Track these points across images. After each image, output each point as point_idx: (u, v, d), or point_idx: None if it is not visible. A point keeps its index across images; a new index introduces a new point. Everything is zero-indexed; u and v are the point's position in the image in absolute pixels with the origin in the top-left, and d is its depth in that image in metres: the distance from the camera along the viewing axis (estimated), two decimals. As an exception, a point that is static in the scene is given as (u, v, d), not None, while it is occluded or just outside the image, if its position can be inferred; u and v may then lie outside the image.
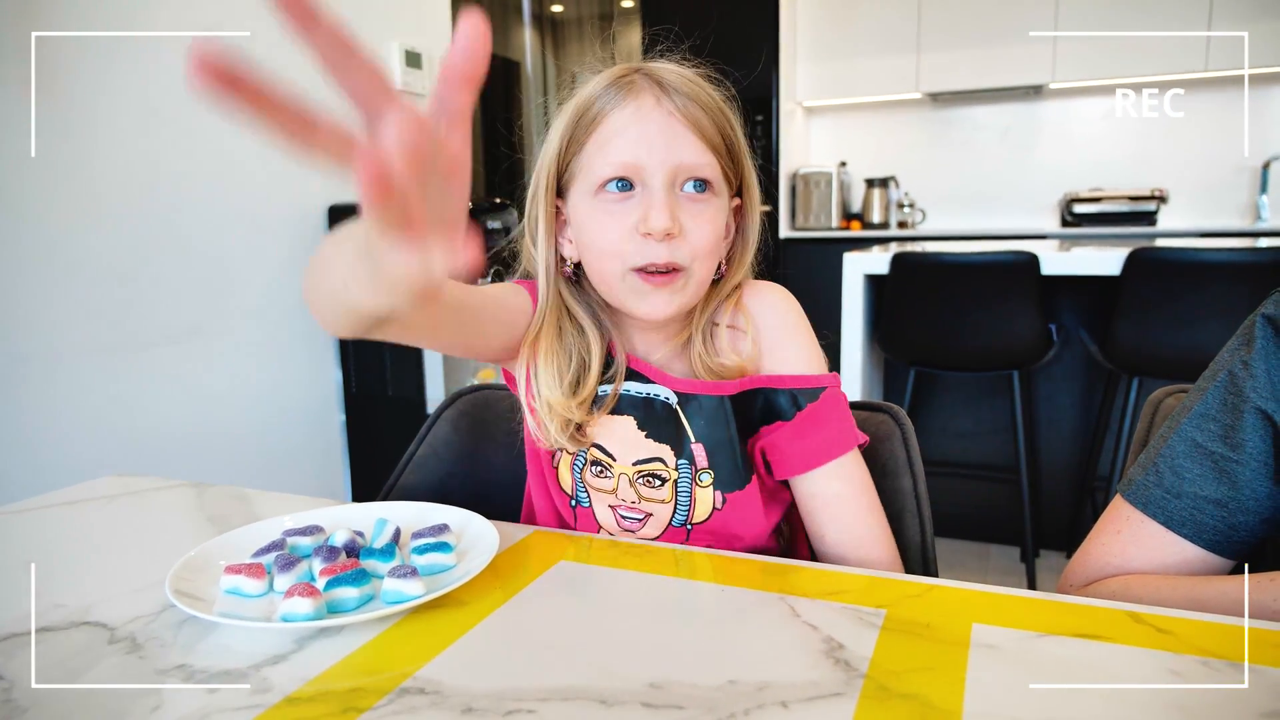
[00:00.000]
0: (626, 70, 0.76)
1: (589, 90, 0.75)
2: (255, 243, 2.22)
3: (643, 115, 0.73)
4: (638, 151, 0.72)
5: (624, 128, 0.73)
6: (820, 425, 0.78)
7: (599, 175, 0.73)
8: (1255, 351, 0.69)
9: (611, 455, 0.82)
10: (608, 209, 0.74)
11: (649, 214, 0.72)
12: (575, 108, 0.75)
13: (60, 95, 1.72)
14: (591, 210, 0.75)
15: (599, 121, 0.74)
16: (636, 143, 0.72)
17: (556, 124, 0.77)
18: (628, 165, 0.72)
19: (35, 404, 1.70)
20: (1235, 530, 0.68)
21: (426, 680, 0.53)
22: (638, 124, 0.72)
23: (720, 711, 0.49)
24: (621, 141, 0.72)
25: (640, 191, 0.73)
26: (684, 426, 0.81)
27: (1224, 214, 4.19)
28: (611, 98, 0.73)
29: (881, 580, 0.67)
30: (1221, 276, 1.95)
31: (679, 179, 0.73)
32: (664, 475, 0.81)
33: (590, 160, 0.74)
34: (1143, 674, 0.52)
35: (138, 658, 0.57)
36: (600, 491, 0.83)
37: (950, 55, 4.34)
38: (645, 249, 0.73)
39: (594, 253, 0.76)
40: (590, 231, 0.75)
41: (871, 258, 2.38)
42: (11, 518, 0.86)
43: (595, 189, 0.74)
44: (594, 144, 0.74)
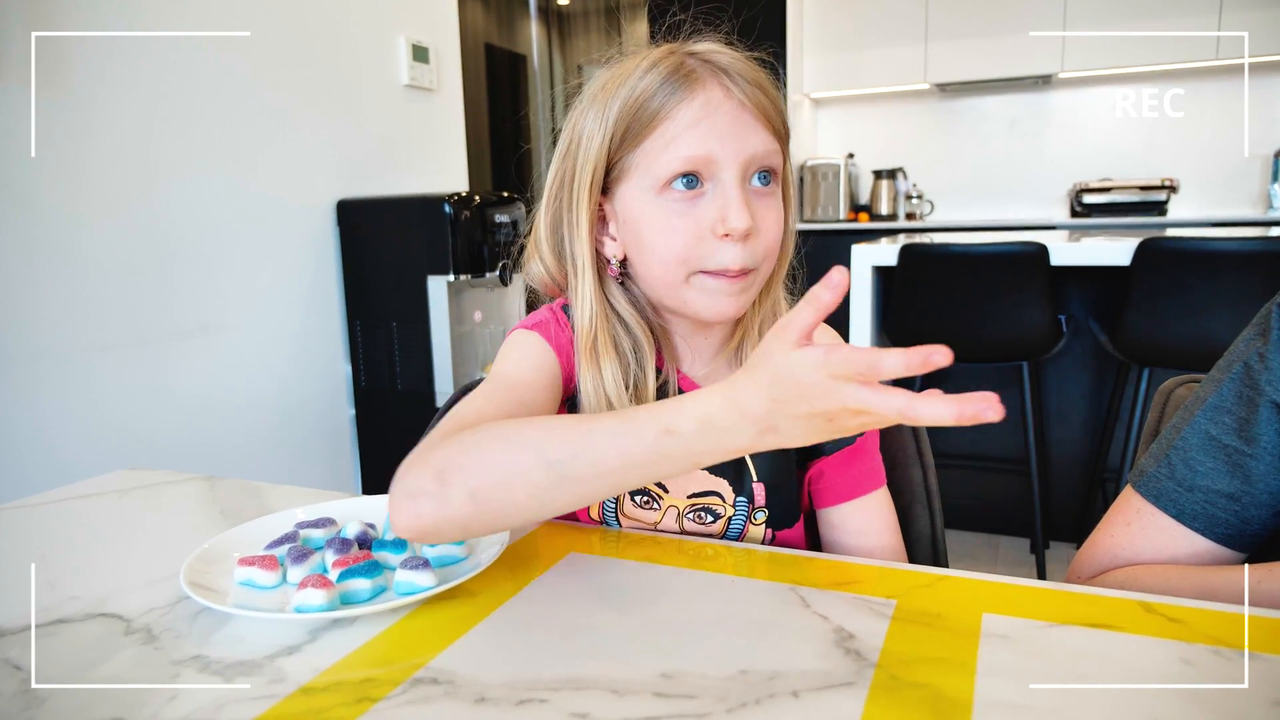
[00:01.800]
0: (678, 57, 0.70)
1: (644, 83, 0.69)
2: (264, 238, 2.23)
3: (713, 108, 0.68)
4: (710, 145, 0.68)
5: (695, 121, 0.68)
6: (866, 455, 0.79)
7: (665, 171, 0.68)
8: (1271, 344, 0.68)
9: (663, 486, 0.78)
10: (676, 208, 0.69)
11: (728, 213, 0.67)
12: (628, 101, 0.69)
13: (68, 93, 1.73)
14: (655, 209, 0.69)
15: (663, 116, 0.68)
16: (708, 136, 0.68)
17: (595, 118, 0.71)
18: (699, 160, 0.68)
19: (48, 400, 1.71)
20: (1248, 524, 0.68)
21: (439, 670, 0.54)
22: (709, 117, 0.68)
23: (731, 701, 0.49)
24: (691, 136, 0.68)
25: (711, 188, 0.69)
26: (746, 463, 0.78)
27: (1235, 203, 4.16)
28: (675, 90, 0.68)
29: (892, 571, 0.67)
30: (1232, 266, 1.94)
31: (750, 170, 0.70)
32: (719, 511, 0.78)
33: (652, 156, 0.69)
34: (1154, 664, 0.52)
35: (153, 649, 0.58)
36: (637, 523, 0.79)
37: (958, 45, 4.32)
38: (720, 251, 0.69)
39: (656, 255, 0.71)
40: (654, 232, 0.70)
41: (880, 249, 2.38)
42: (26, 511, 0.87)
43: (660, 186, 0.69)
44: (657, 140, 0.69)
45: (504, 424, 0.60)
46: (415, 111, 2.76)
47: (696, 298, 0.71)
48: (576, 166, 0.72)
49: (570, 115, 0.75)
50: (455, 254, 2.33)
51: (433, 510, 0.58)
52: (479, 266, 2.40)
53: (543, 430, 0.58)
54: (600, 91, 0.72)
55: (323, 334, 2.44)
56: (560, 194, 0.75)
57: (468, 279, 2.38)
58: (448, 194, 2.34)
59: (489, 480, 0.57)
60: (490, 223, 2.43)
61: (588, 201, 0.72)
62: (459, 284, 2.38)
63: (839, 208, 4.56)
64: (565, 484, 0.56)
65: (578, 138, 0.73)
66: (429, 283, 2.35)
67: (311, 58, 2.34)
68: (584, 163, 0.72)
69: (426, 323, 2.38)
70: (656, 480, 0.64)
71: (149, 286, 1.92)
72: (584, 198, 0.72)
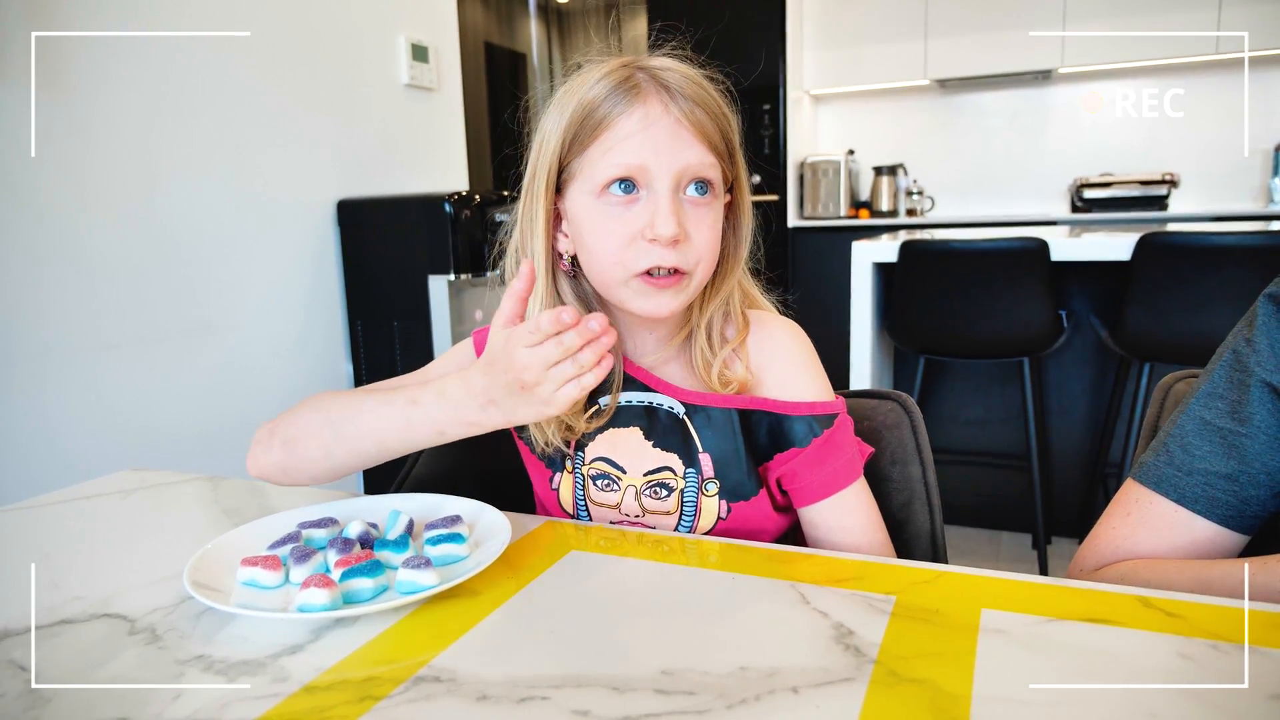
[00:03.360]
0: (629, 69, 0.74)
1: (593, 92, 0.73)
2: (265, 237, 2.23)
3: (650, 121, 0.72)
4: (644, 155, 0.72)
5: (631, 133, 0.72)
6: (836, 451, 0.79)
7: (603, 176, 0.73)
8: (1257, 328, 0.70)
9: (621, 468, 0.82)
10: (612, 212, 0.73)
11: (656, 220, 0.72)
12: (578, 108, 0.73)
13: (70, 93, 1.73)
14: (594, 212, 0.74)
15: (605, 125, 0.73)
16: (643, 147, 0.72)
17: (554, 120, 0.75)
18: (633, 168, 0.72)
19: (51, 399, 1.72)
20: (1247, 504, 0.69)
21: (441, 668, 0.54)
22: (644, 130, 0.72)
23: (731, 697, 0.50)
24: (628, 146, 0.72)
25: (645, 195, 0.73)
26: (692, 437, 0.81)
27: (1236, 198, 4.15)
28: (618, 102, 0.72)
29: (891, 567, 0.68)
30: (1233, 260, 1.94)
31: (683, 181, 0.74)
32: (671, 485, 0.81)
33: (594, 162, 0.73)
34: (1152, 658, 0.53)
35: (157, 649, 0.58)
36: (603, 507, 0.83)
37: (958, 41, 4.32)
38: (650, 254, 0.73)
39: (596, 255, 0.75)
40: (593, 233, 0.75)
41: (880, 246, 2.38)
42: (30, 512, 0.87)
43: (598, 190, 0.73)
44: (599, 147, 0.73)
45: (327, 393, 0.79)
46: (415, 111, 2.76)
47: (632, 298, 0.76)
48: (536, 167, 0.77)
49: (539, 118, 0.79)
50: (456, 253, 2.33)
51: (261, 455, 0.78)
52: (479, 265, 2.40)
53: (336, 399, 0.76)
54: (561, 96, 0.76)
55: (324, 333, 2.44)
56: (525, 192, 0.80)
57: (468, 278, 2.38)
58: (448, 193, 2.34)
59: (293, 434, 0.77)
60: (491, 221, 2.43)
61: (544, 199, 0.77)
62: (459, 283, 2.38)
63: (839, 204, 4.55)
64: (341, 441, 0.74)
65: (540, 140, 0.77)
66: (430, 282, 2.36)
67: (312, 57, 2.35)
68: (541, 163, 0.76)
69: (428, 321, 2.38)
70: (416, 445, 0.74)
71: (150, 286, 1.92)
72: (540, 195, 0.77)
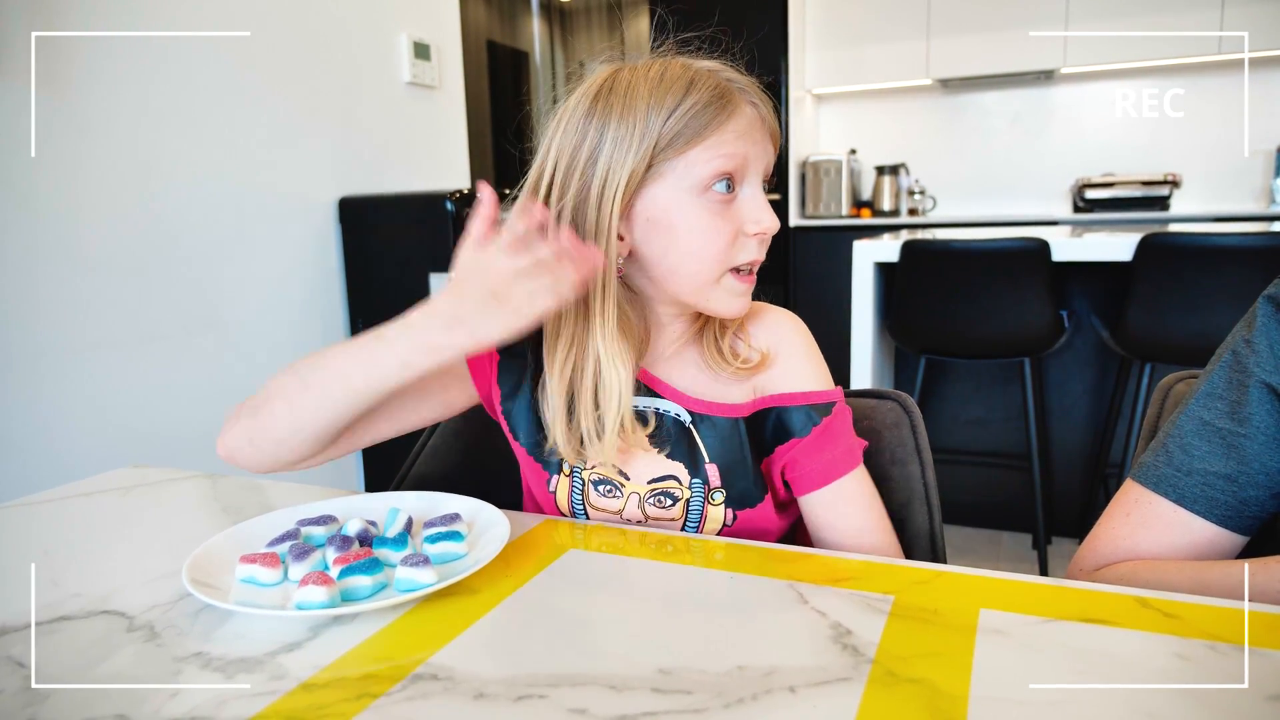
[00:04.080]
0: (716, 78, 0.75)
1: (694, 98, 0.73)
2: (267, 236, 2.23)
3: (750, 123, 0.75)
4: (748, 152, 0.75)
5: (740, 133, 0.74)
6: (835, 439, 0.79)
7: (708, 172, 0.73)
8: (1257, 329, 0.70)
9: (625, 474, 0.82)
10: (716, 209, 0.74)
11: (761, 215, 0.75)
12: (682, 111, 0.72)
13: (70, 92, 1.73)
14: (695, 210, 0.74)
15: (714, 127, 0.73)
16: (747, 146, 0.75)
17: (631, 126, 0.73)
18: (738, 165, 0.74)
19: (52, 397, 1.72)
20: (1246, 505, 0.69)
21: (439, 666, 0.54)
22: (748, 131, 0.75)
23: (728, 696, 0.50)
24: (737, 145, 0.74)
25: (740, 192, 0.75)
26: (698, 445, 0.80)
27: (1238, 198, 4.15)
28: (724, 105, 0.74)
29: (889, 566, 0.68)
30: (1235, 261, 1.94)
31: (765, 179, 0.78)
32: (677, 494, 0.81)
33: (695, 161, 0.73)
34: (1150, 658, 0.53)
35: (155, 646, 0.58)
36: (603, 512, 0.83)
37: (961, 41, 4.31)
38: (748, 248, 0.76)
39: (695, 253, 0.74)
40: (693, 231, 0.74)
41: (881, 245, 2.38)
42: (29, 509, 0.87)
43: (701, 188, 0.73)
44: (706, 147, 0.73)
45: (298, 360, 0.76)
46: (417, 109, 2.76)
47: (723, 297, 0.77)
48: (606, 171, 0.73)
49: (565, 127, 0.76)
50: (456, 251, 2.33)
51: (228, 430, 0.76)
52: (481, 264, 2.40)
53: (307, 357, 0.75)
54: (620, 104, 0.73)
55: (325, 331, 2.44)
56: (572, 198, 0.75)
57: (469, 276, 2.38)
58: (449, 191, 2.34)
59: (260, 399, 0.75)
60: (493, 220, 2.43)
61: (619, 202, 0.73)
62: (461, 281, 2.38)
63: (841, 204, 4.55)
64: (307, 391, 0.73)
65: (597, 145, 0.74)
66: (431, 280, 2.36)
67: (313, 56, 2.35)
68: (616, 167, 0.73)
69: (428, 320, 2.38)
70: (383, 382, 0.71)
71: (151, 284, 1.92)
72: (616, 198, 0.73)
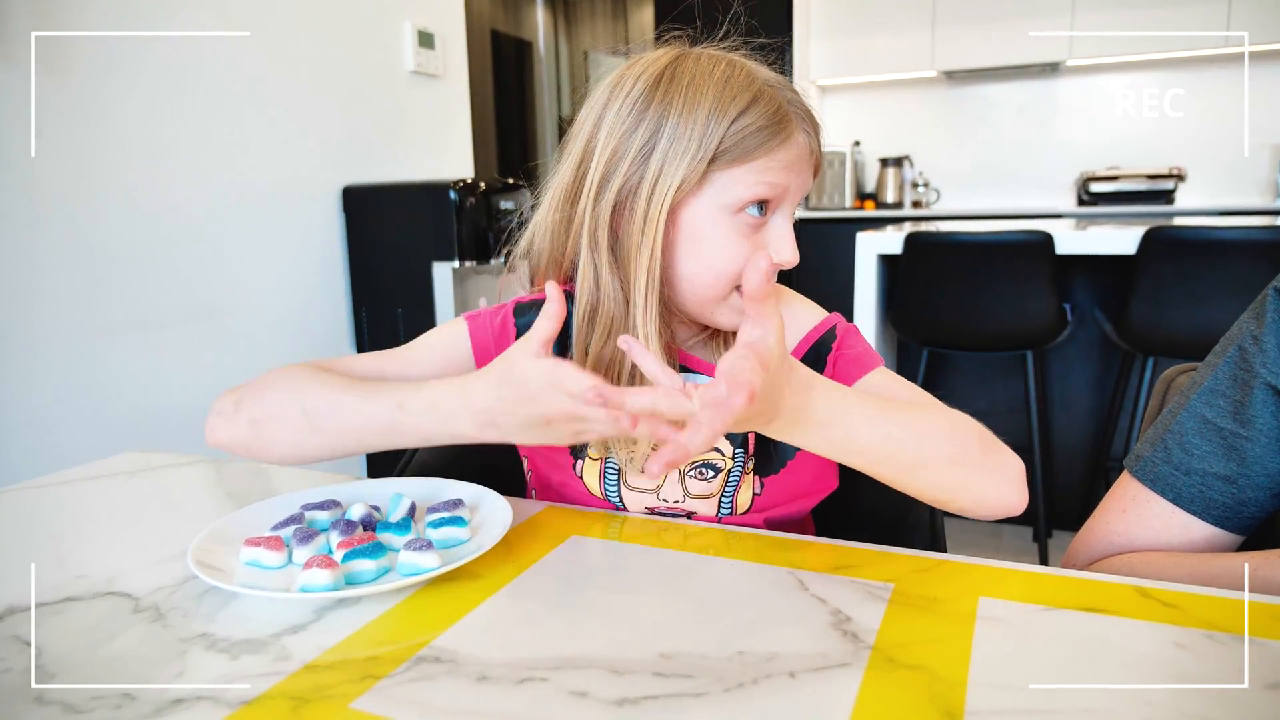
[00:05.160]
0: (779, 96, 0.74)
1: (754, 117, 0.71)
2: (270, 224, 2.23)
3: (800, 153, 0.74)
4: (790, 181, 0.74)
5: (787, 162, 0.73)
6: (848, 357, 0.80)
7: (748, 194, 0.72)
8: (1266, 326, 0.68)
9: None
10: (744, 231, 0.73)
11: (784, 247, 0.74)
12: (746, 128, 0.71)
13: (73, 81, 1.73)
14: (723, 227, 0.73)
15: (766, 150, 0.72)
16: (790, 174, 0.74)
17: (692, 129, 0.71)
18: (778, 193, 0.73)
19: (57, 383, 1.72)
20: (1244, 506, 0.68)
21: (442, 649, 0.55)
22: (795, 160, 0.74)
23: (729, 681, 0.50)
24: (783, 173, 0.73)
25: (771, 219, 0.75)
26: None
27: (1242, 192, 4.14)
28: (780, 129, 0.73)
29: (889, 555, 0.68)
30: (1239, 255, 1.94)
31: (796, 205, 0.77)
32: (719, 465, 0.81)
33: (740, 179, 0.72)
34: (1148, 647, 0.53)
35: (161, 626, 0.59)
36: (640, 492, 0.82)
37: (966, 32, 4.30)
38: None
39: (712, 269, 0.74)
40: (715, 247, 0.73)
41: (885, 237, 2.37)
42: (36, 492, 0.88)
43: (736, 208, 0.72)
44: (754, 167, 0.72)
45: (300, 370, 0.72)
46: (421, 98, 2.76)
47: (726, 312, 0.77)
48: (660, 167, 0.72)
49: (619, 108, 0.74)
50: (461, 240, 2.33)
51: (224, 429, 0.71)
52: (484, 253, 2.40)
53: (314, 384, 0.70)
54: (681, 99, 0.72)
55: (328, 320, 2.45)
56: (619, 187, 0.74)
57: (473, 265, 2.38)
58: (453, 180, 2.34)
59: (264, 414, 0.70)
60: (496, 209, 2.43)
61: (669, 202, 0.72)
62: (464, 270, 2.38)
63: (845, 196, 4.55)
64: (318, 433, 0.69)
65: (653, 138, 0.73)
66: (434, 269, 2.36)
67: (317, 44, 2.34)
68: (671, 168, 0.72)
69: (432, 309, 2.38)
70: (397, 447, 0.69)
71: (155, 273, 1.92)
72: (667, 197, 0.72)
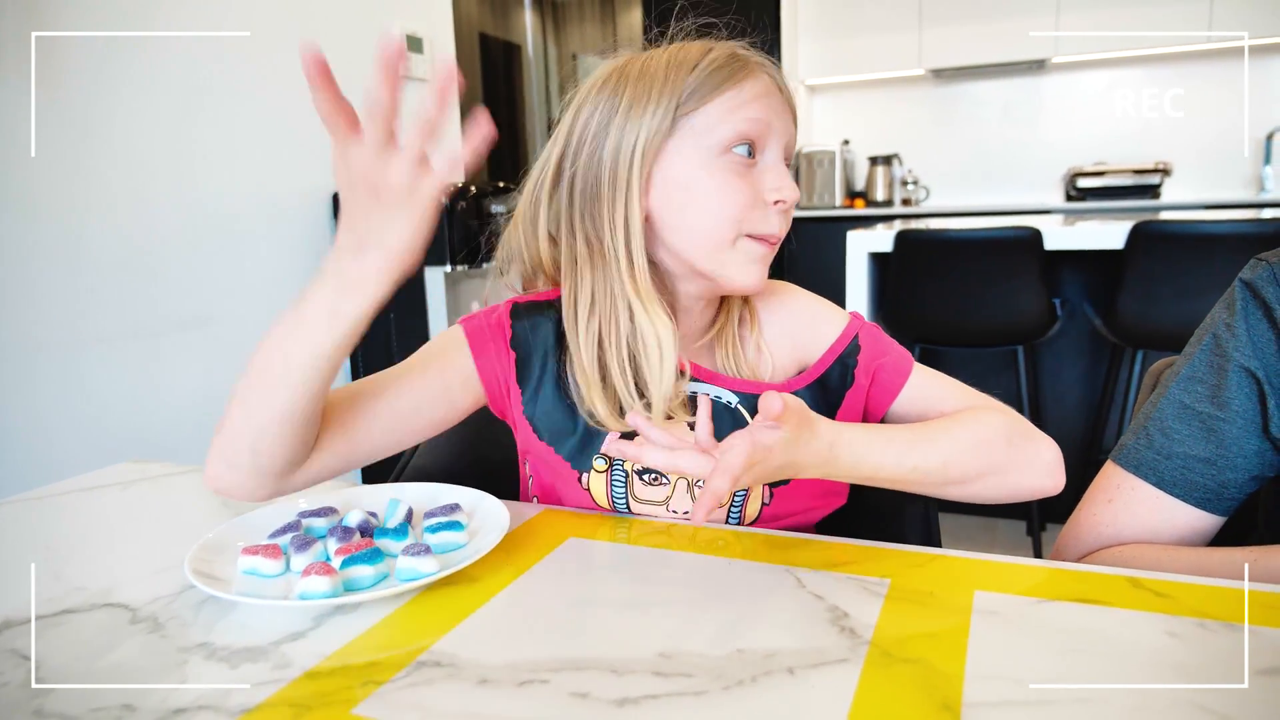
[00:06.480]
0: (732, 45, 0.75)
1: (713, 55, 0.73)
2: (260, 231, 2.23)
3: (768, 90, 0.74)
4: (770, 117, 0.73)
5: (757, 95, 0.73)
6: (886, 366, 0.81)
7: (730, 132, 0.72)
8: (1236, 314, 0.71)
9: None
10: (737, 170, 0.72)
11: (783, 184, 0.73)
12: (701, 66, 0.72)
13: (66, 90, 1.72)
14: (713, 169, 0.72)
15: (732, 84, 0.72)
16: (767, 110, 0.73)
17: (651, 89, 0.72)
18: (760, 129, 0.72)
19: (51, 393, 1.72)
20: (1225, 487, 0.70)
21: (442, 653, 0.55)
22: (766, 96, 0.73)
23: (728, 679, 0.50)
24: (756, 107, 0.72)
25: (760, 160, 0.74)
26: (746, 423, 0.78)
27: (1228, 186, 4.17)
28: (740, 67, 0.73)
29: (885, 551, 0.68)
30: (1225, 248, 1.95)
31: (785, 155, 0.76)
32: None
33: (718, 119, 0.72)
34: (1141, 636, 0.54)
35: (159, 637, 0.59)
36: (649, 503, 0.80)
37: (953, 31, 4.31)
38: (768, 218, 0.74)
39: (711, 214, 0.73)
40: (710, 192, 0.72)
41: (875, 235, 2.38)
42: (31, 504, 0.88)
43: (721, 149, 0.72)
44: (724, 102, 0.72)
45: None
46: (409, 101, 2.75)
47: (738, 261, 0.74)
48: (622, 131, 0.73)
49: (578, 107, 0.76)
50: (452, 245, 2.33)
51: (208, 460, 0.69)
52: (476, 257, 2.40)
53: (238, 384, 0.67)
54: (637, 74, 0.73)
55: (320, 326, 2.44)
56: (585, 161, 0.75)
57: (465, 269, 2.38)
58: (443, 185, 2.33)
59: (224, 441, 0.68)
60: (486, 213, 2.43)
61: (640, 158, 0.73)
62: (456, 275, 2.38)
63: (834, 194, 4.56)
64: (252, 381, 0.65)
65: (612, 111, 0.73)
66: (426, 274, 2.36)
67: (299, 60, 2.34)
68: (634, 126, 0.72)
69: (424, 314, 2.38)
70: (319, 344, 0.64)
71: (146, 281, 1.92)
72: (636, 152, 0.73)
